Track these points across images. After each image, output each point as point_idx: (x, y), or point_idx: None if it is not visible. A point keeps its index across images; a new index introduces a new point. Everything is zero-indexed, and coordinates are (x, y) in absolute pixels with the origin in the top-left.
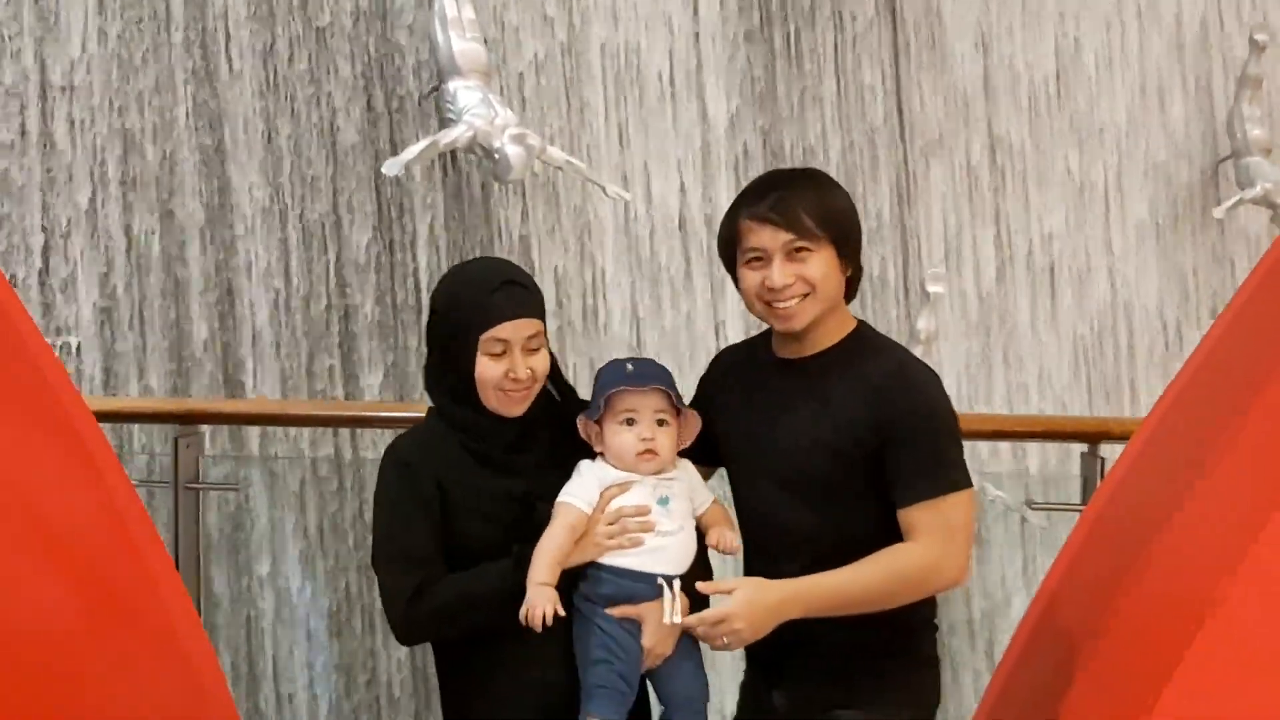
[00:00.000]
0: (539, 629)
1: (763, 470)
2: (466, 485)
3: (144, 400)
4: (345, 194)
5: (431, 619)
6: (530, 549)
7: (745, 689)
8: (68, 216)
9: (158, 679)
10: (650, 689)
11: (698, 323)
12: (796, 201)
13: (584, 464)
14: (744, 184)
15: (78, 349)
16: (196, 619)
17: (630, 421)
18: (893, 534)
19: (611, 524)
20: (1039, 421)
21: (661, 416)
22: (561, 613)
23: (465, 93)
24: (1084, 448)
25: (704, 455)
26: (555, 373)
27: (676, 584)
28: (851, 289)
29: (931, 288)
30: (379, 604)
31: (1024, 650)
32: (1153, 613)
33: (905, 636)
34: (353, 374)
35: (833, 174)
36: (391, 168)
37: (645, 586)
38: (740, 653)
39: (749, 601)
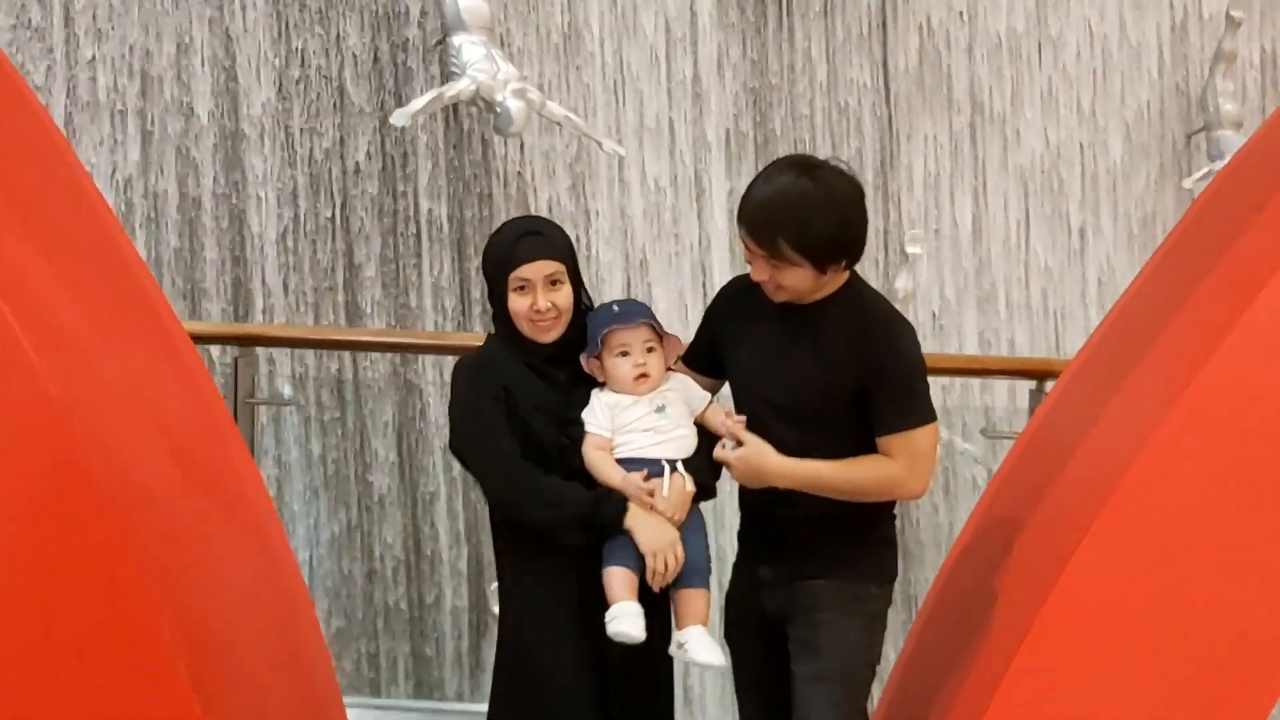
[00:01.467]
0: (650, 497)
1: (762, 398)
2: (523, 385)
3: (208, 324)
4: (351, 142)
5: (524, 494)
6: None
7: (737, 567)
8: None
9: (242, 546)
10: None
11: (685, 265)
12: (778, 229)
13: (594, 394)
14: (733, 138)
15: None
16: (271, 506)
17: (624, 353)
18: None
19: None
20: (994, 361)
21: (650, 344)
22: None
23: (469, 48)
24: (1033, 385)
25: (711, 369)
26: (590, 309)
27: (679, 464)
28: (850, 264)
29: (910, 249)
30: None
31: (959, 557)
32: (1052, 525)
33: (871, 522)
34: (357, 315)
35: (816, 135)
36: (399, 118)
37: (654, 468)
38: (733, 539)
39: (746, 458)
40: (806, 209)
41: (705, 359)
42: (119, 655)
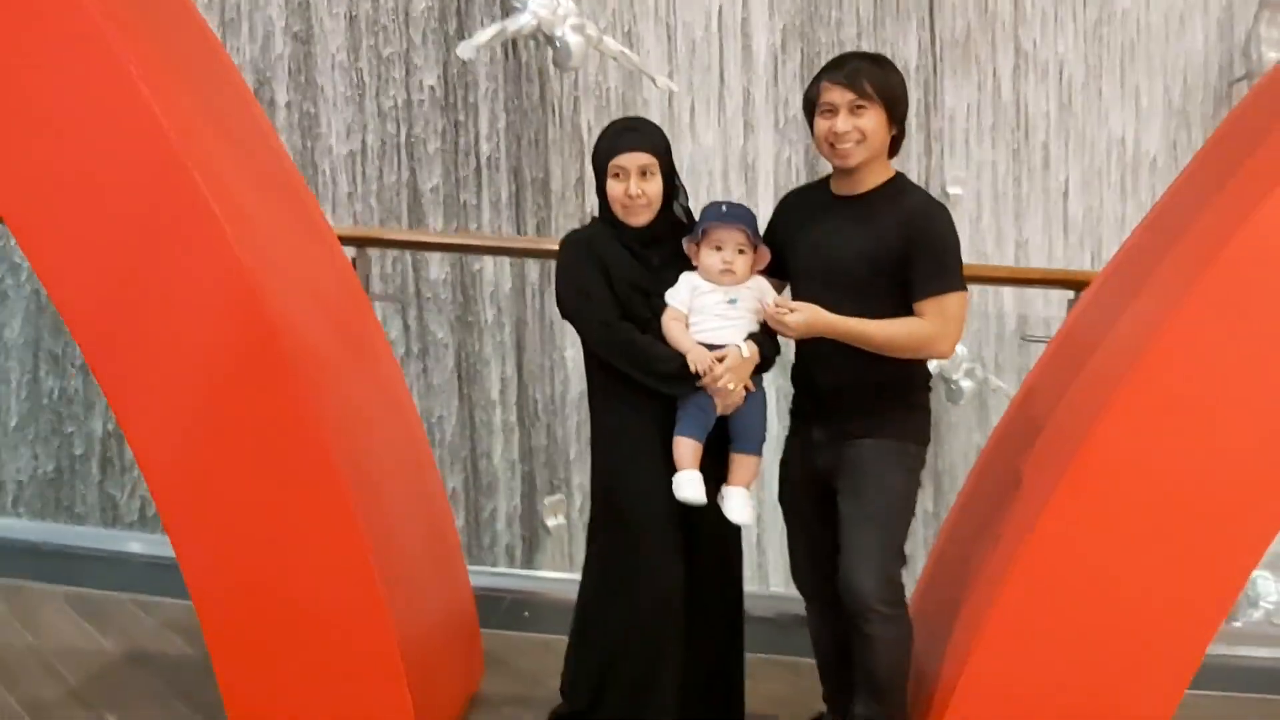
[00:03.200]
0: (707, 373)
1: (816, 274)
2: (617, 261)
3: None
4: (416, 73)
5: (624, 348)
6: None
7: (790, 436)
8: None
9: (386, 409)
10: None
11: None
12: (864, 72)
13: (685, 274)
14: (780, 78)
15: None
16: (403, 380)
17: (718, 248)
18: None
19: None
20: (1033, 271)
21: (741, 247)
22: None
23: None
24: (1071, 295)
25: (779, 270)
26: (682, 204)
27: (742, 342)
28: (895, 146)
29: (951, 190)
30: None
31: (990, 454)
32: (1069, 418)
33: (909, 389)
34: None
35: None
36: (465, 51)
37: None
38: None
39: (804, 321)
40: (881, 64)
41: (775, 260)
42: (301, 492)
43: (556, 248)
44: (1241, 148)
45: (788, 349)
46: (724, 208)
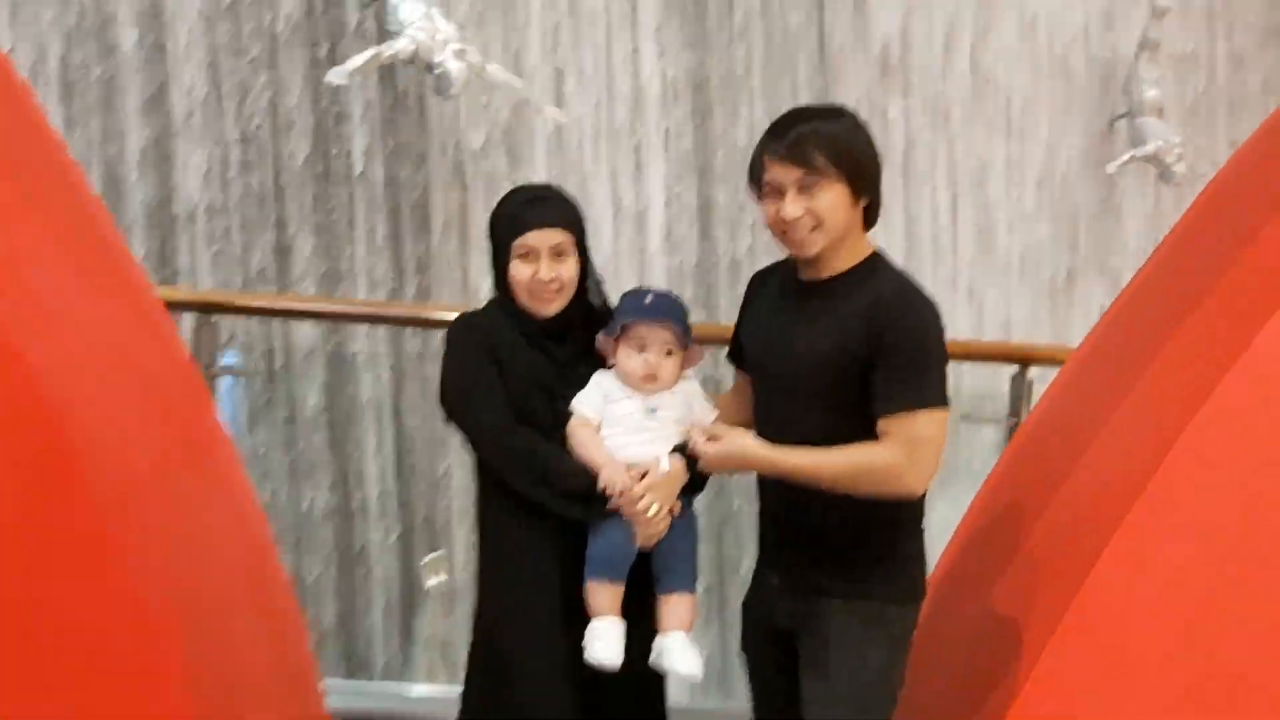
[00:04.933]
0: (624, 494)
1: (774, 375)
2: (518, 356)
3: (166, 289)
4: (284, 100)
5: (522, 459)
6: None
7: (755, 573)
8: None
9: (226, 518)
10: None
11: (624, 234)
12: (810, 140)
13: (597, 375)
14: (670, 110)
15: None
16: (246, 478)
17: (641, 349)
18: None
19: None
20: (975, 346)
21: (669, 347)
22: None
23: (407, 5)
24: (1014, 369)
25: (740, 360)
26: (595, 284)
27: (665, 456)
28: (871, 216)
29: None
30: None
31: (959, 554)
32: (1068, 528)
33: (895, 533)
34: (287, 276)
35: (755, 110)
36: (336, 76)
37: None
38: (751, 547)
39: (725, 455)
40: (834, 125)
41: (740, 354)
42: (111, 633)
43: (442, 315)
44: (1229, 235)
45: None
46: (648, 298)
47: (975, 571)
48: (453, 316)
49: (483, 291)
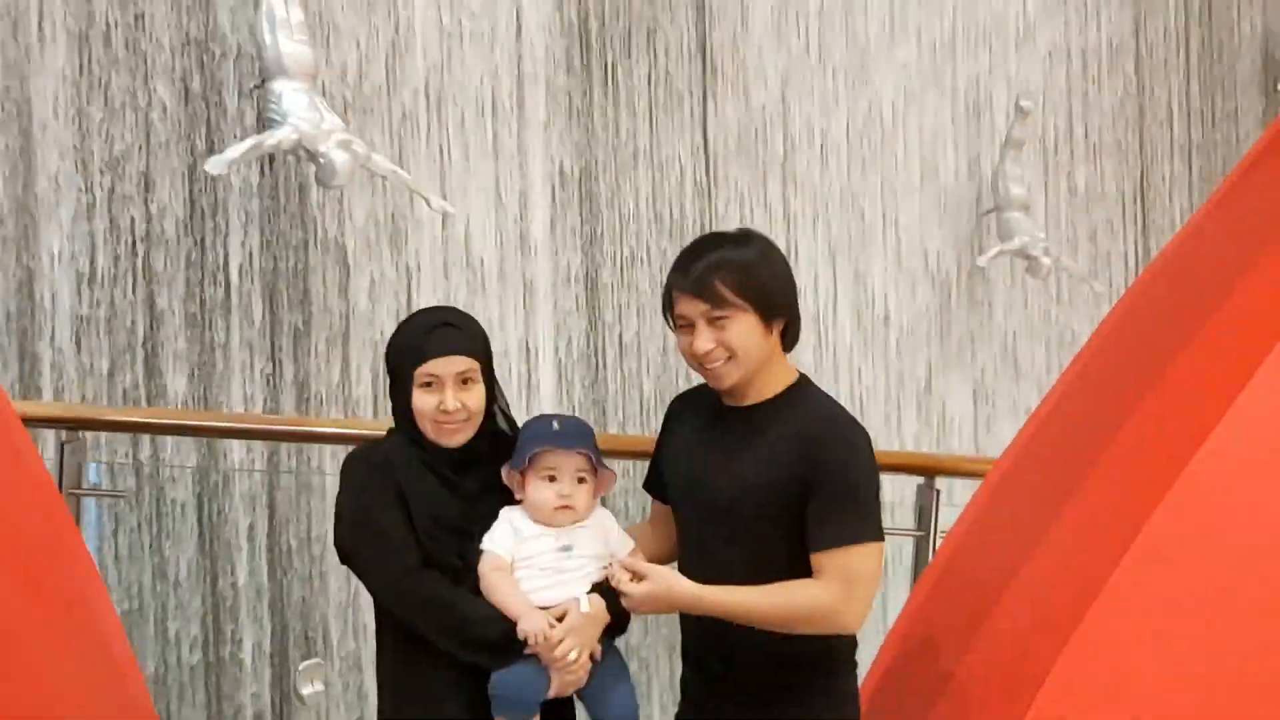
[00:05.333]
0: (542, 641)
1: (698, 506)
2: (421, 491)
3: (30, 404)
4: (156, 187)
5: (430, 606)
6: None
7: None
8: None
9: (83, 660)
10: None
11: (510, 329)
12: (715, 272)
13: (504, 511)
14: (559, 202)
15: None
16: (113, 611)
17: (551, 478)
18: (808, 575)
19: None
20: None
21: (582, 475)
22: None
23: (291, 95)
24: (920, 480)
25: (660, 489)
26: (503, 410)
27: (583, 596)
28: (788, 339)
29: None
30: None
31: (884, 675)
32: (1014, 639)
33: (824, 670)
34: (157, 374)
35: (640, 209)
36: (215, 166)
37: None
38: (675, 685)
39: (650, 595)
40: (740, 252)
41: (659, 483)
42: None
43: (322, 430)
44: (1153, 346)
45: None
46: (555, 424)
47: (910, 695)
48: (332, 431)
49: (364, 401)
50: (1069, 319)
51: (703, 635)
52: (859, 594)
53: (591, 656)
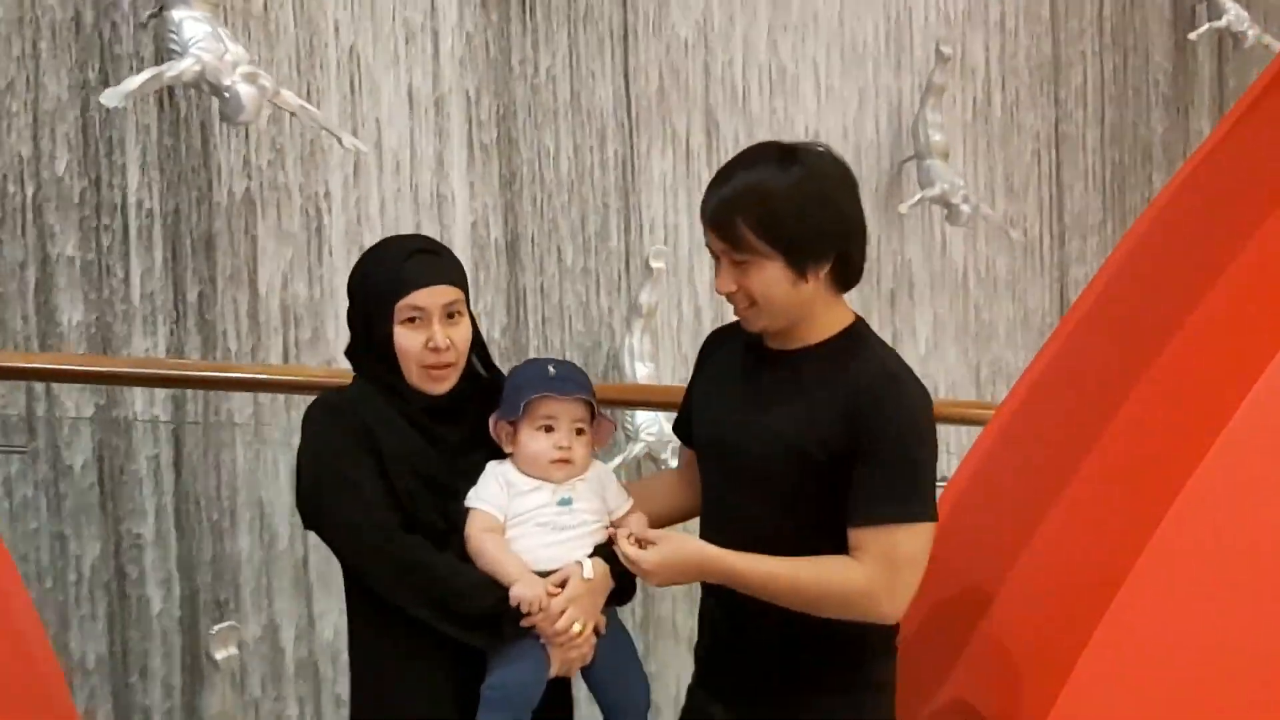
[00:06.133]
0: (539, 610)
1: (723, 463)
2: (397, 443)
3: None
4: (47, 123)
5: (410, 574)
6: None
7: (690, 693)
8: None
9: None
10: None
11: None
12: (737, 208)
13: (491, 465)
14: (475, 146)
15: None
16: (17, 577)
17: (548, 428)
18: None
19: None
20: None
21: (580, 425)
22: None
23: (191, 24)
24: None
25: (688, 434)
26: (481, 349)
27: (587, 560)
28: (843, 279)
29: (654, 263)
30: None
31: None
32: (1043, 602)
33: (859, 655)
34: (52, 318)
35: (562, 157)
36: (111, 98)
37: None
38: (688, 661)
39: (665, 563)
40: (771, 184)
41: (687, 427)
42: None
43: (231, 375)
44: (1158, 306)
45: None
46: (551, 369)
47: (924, 659)
48: (243, 377)
49: (274, 346)
50: (991, 266)
51: (723, 604)
52: (904, 579)
53: (596, 630)
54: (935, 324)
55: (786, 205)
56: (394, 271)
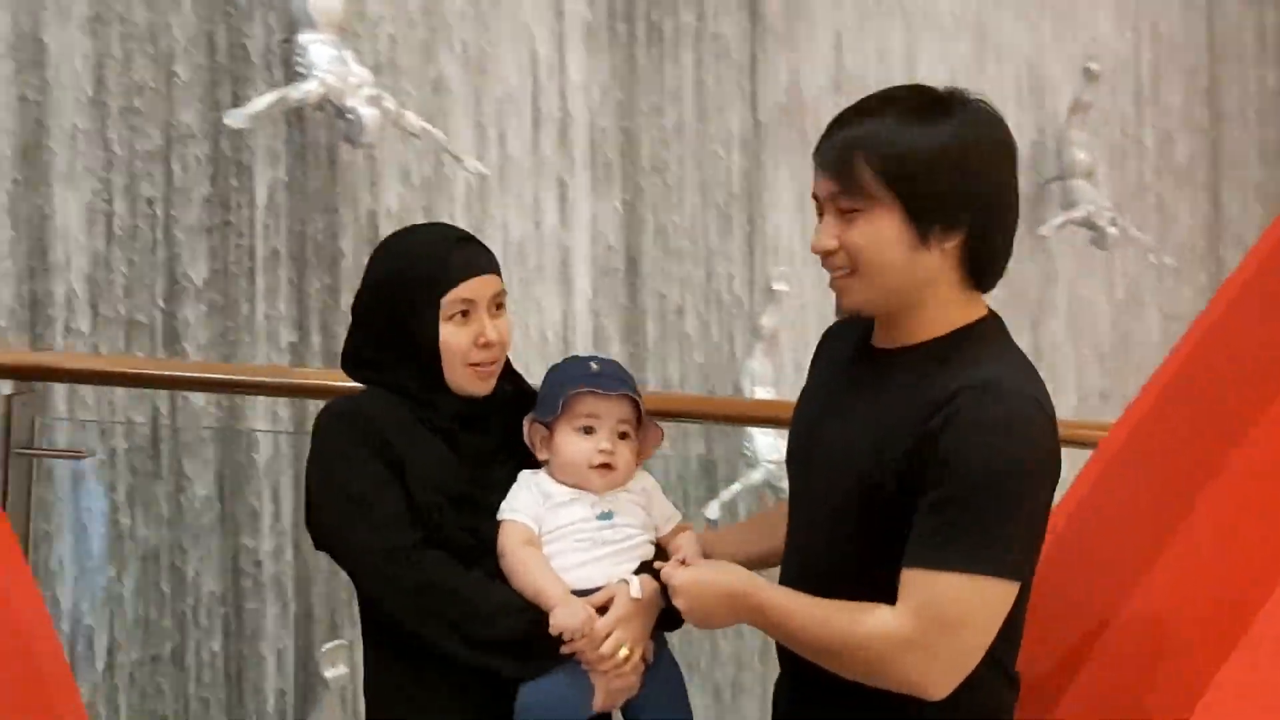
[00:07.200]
0: (581, 636)
1: (795, 477)
2: (426, 451)
3: None
4: (179, 144)
5: (433, 597)
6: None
7: None
8: None
9: None
10: None
11: (547, 305)
12: (859, 143)
13: (525, 474)
14: (597, 172)
15: None
16: (34, 590)
17: (589, 429)
18: None
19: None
20: None
21: (625, 428)
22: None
23: (318, 47)
24: None
25: None
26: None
27: (633, 578)
28: (976, 266)
29: (776, 286)
30: None
31: None
32: (1168, 629)
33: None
34: (175, 338)
35: (688, 172)
36: (237, 119)
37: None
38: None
39: (695, 581)
40: (906, 125)
41: None
42: None
43: (347, 385)
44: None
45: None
46: (594, 365)
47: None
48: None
49: None
50: (1137, 292)
51: (781, 651)
52: (953, 644)
53: (643, 658)
54: (1076, 348)
55: (921, 150)
56: (439, 261)
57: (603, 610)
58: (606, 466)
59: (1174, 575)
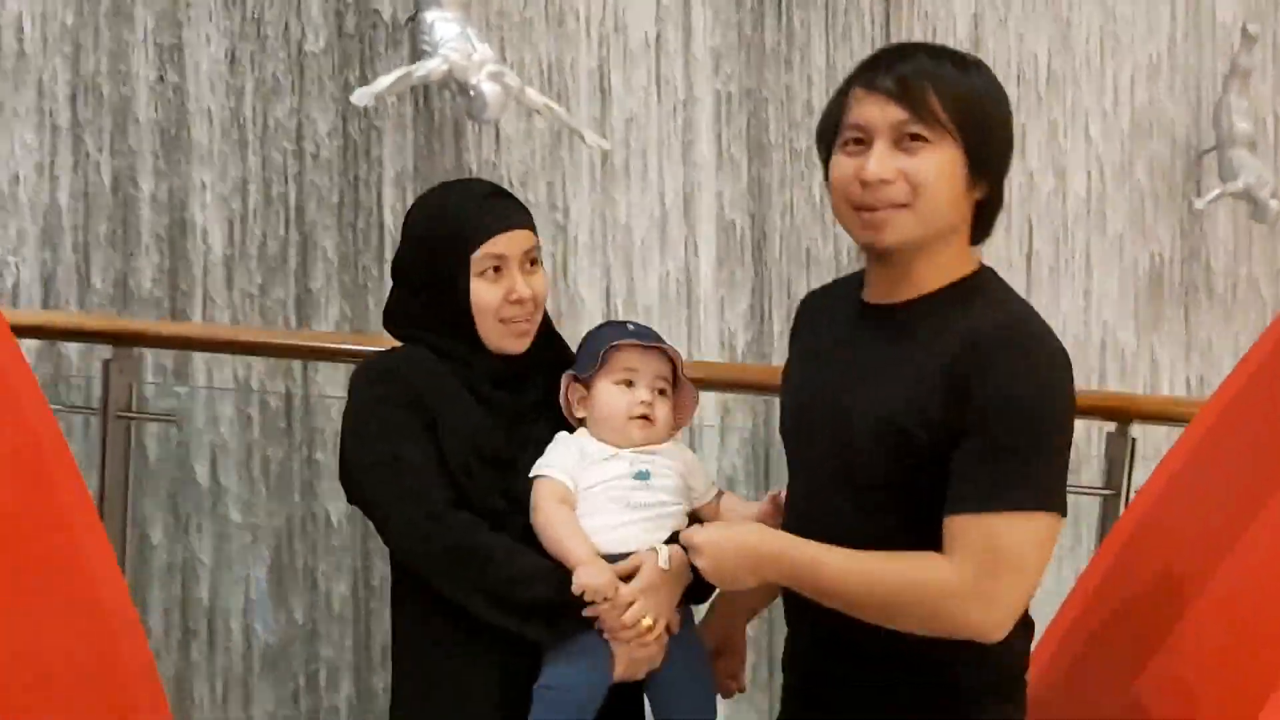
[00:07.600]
0: (605, 600)
1: (814, 450)
2: (461, 410)
3: (74, 315)
4: (310, 123)
5: (460, 558)
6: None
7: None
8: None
9: (62, 620)
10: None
11: (671, 281)
12: (931, 76)
13: (561, 435)
14: (724, 142)
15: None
16: (111, 557)
17: (628, 382)
18: None
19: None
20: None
21: (663, 385)
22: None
23: (442, 25)
24: (1111, 426)
25: None
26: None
27: (662, 547)
28: (983, 221)
29: None
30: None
31: (1054, 656)
32: (1246, 613)
33: (974, 693)
34: (306, 312)
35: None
36: (362, 98)
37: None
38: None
39: (716, 539)
40: (966, 64)
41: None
42: None
43: None
44: None
45: None
46: (631, 325)
47: (1089, 686)
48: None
49: None
50: None
51: (804, 631)
52: (1005, 584)
53: (668, 628)
54: (1233, 332)
55: (981, 95)
56: (469, 216)
57: (629, 579)
58: (645, 419)
59: (1256, 560)
